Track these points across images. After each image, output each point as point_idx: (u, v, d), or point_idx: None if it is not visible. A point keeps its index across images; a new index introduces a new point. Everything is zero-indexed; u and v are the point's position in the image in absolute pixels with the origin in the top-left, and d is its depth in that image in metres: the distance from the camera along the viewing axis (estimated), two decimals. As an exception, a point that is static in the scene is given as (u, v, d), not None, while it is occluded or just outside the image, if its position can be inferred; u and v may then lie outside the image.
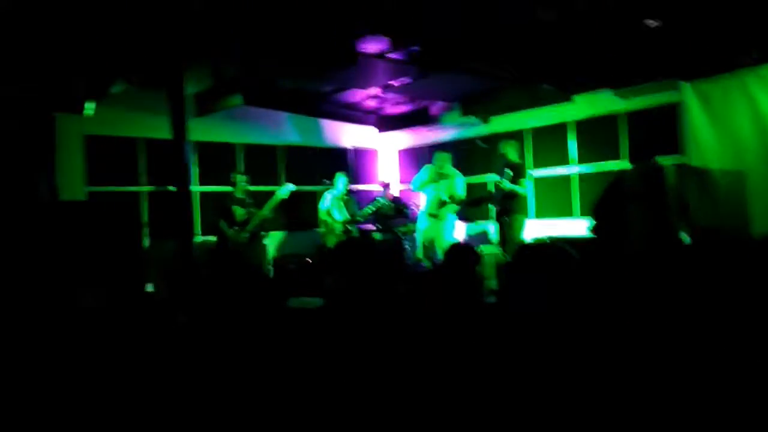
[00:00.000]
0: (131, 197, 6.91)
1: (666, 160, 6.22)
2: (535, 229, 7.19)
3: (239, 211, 6.60)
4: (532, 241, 6.47)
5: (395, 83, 6.87)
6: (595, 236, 6.76)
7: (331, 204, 7.22)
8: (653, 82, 6.13)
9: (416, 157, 9.25)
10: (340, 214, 7.17)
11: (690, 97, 5.73)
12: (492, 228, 7.88)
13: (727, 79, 5.47)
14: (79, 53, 5.42)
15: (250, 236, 6.55)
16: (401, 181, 9.54)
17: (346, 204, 7.26)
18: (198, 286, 5.60)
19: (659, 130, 6.36)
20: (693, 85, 5.72)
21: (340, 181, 7.24)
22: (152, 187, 7.08)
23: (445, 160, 6.59)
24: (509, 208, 6.24)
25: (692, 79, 5.72)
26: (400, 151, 9.59)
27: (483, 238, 8.16)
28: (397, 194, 9.23)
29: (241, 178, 6.66)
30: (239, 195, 6.64)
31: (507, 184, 6.06)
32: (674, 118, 6.20)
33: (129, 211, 6.64)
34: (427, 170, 6.66)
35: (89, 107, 5.79)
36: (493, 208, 6.56)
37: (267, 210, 6.54)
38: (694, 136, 5.74)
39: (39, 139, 6.24)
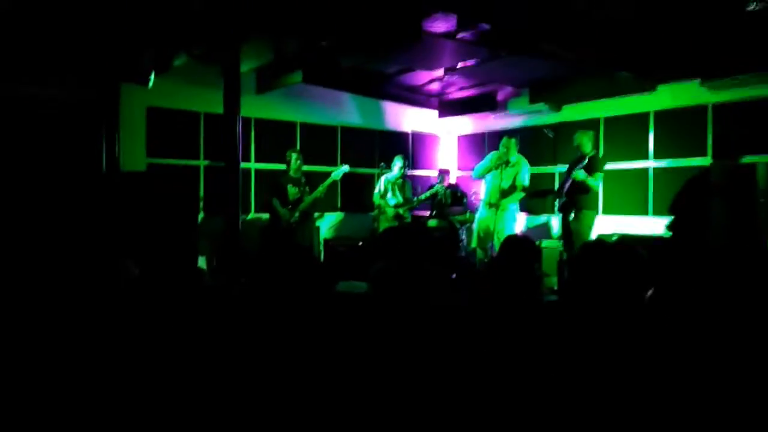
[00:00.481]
0: (190, 171, 6.91)
1: (758, 159, 5.67)
2: (604, 226, 6.75)
3: (292, 190, 6.49)
4: (598, 239, 6.06)
5: (462, 65, 6.53)
6: (673, 234, 6.28)
7: (386, 188, 7.00)
8: (749, 74, 5.56)
9: (477, 144, 8.90)
10: (393, 199, 6.95)
11: (791, 91, 5.14)
12: (555, 222, 7.48)
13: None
14: (144, 24, 5.39)
15: (301, 216, 6.42)
16: (460, 168, 9.21)
17: (402, 188, 7.01)
18: (244, 263, 5.54)
19: (750, 125, 5.77)
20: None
21: (397, 164, 7.00)
22: (209, 161, 7.06)
23: (512, 145, 6.18)
24: (579, 202, 5.83)
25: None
26: (460, 137, 9.25)
27: (544, 232, 7.77)
28: (454, 182, 8.93)
29: (295, 157, 6.52)
30: (293, 174, 6.52)
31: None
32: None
33: (187, 184, 6.68)
34: (490, 157, 6.31)
35: (151, 78, 5.77)
36: (557, 202, 6.12)
37: (320, 191, 6.40)
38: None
39: (105, 108, 6.31)
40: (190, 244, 5.58)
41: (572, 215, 5.84)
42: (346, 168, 6.50)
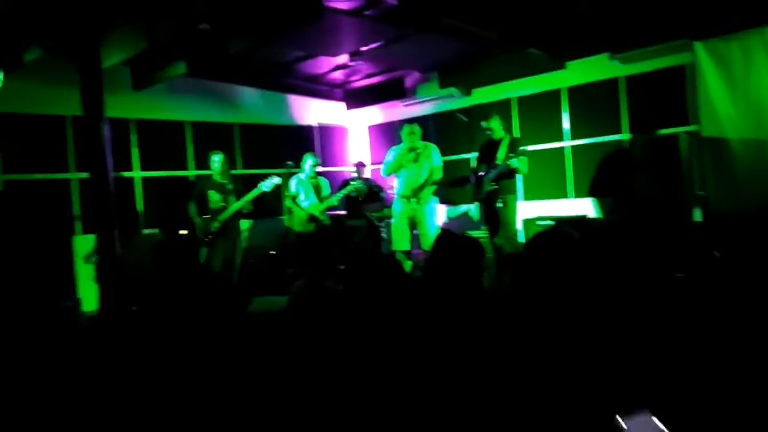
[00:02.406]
0: (59, 186, 5.86)
1: (674, 131, 5.58)
2: (526, 211, 6.48)
3: (214, 197, 5.70)
4: (542, 227, 5.76)
5: (367, 48, 5.99)
6: (601, 214, 6.11)
7: (297, 189, 6.32)
8: (659, 44, 5.43)
9: (389, 134, 8.40)
10: (307, 200, 6.29)
11: (703, 59, 5.04)
12: (474, 211, 7.15)
13: (747, 37, 4.79)
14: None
15: (221, 227, 5.61)
16: (373, 162, 8.69)
17: (316, 188, 6.37)
18: (132, 288, 4.71)
19: (664, 97, 5.66)
20: (706, 44, 5.03)
21: (308, 162, 6.33)
22: (84, 173, 6.06)
23: (414, 132, 5.67)
24: (504, 188, 5.46)
25: (706, 38, 5.02)
26: (370, 128, 8.72)
27: (466, 222, 7.42)
28: (369, 176, 8.40)
29: (217, 159, 5.73)
30: (217, 178, 5.73)
31: (515, 162, 5.25)
32: (682, 83, 5.51)
33: (56, 203, 5.68)
34: (395, 150, 5.78)
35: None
36: (482, 190, 5.69)
37: (244, 202, 5.63)
38: (707, 103, 5.06)
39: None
40: (60, 275, 4.66)
41: (500, 202, 5.47)
42: (277, 180, 5.77)
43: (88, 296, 5.65)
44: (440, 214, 7.16)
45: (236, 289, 5.54)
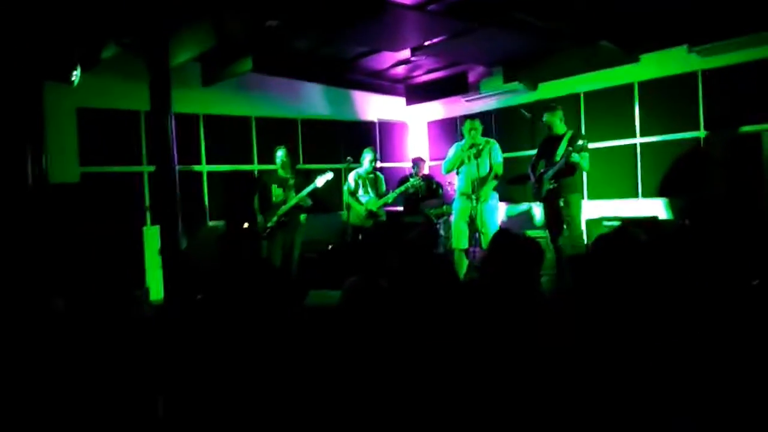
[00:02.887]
0: (131, 179, 6.13)
1: (761, 128, 5.22)
2: (591, 211, 6.25)
3: (276, 191, 5.82)
4: (609, 227, 5.54)
5: (430, 43, 5.91)
6: (672, 216, 5.82)
7: (356, 184, 6.35)
8: (740, 36, 5.09)
9: (449, 131, 8.32)
10: (366, 195, 6.30)
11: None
12: (537, 210, 6.97)
13: None
14: (64, 11, 4.62)
15: (279, 222, 5.73)
16: (432, 158, 8.62)
17: (374, 184, 6.37)
18: (197, 279, 4.85)
19: (746, 92, 5.30)
20: (797, 35, 4.67)
21: (367, 157, 6.35)
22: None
23: (475, 128, 5.54)
24: (567, 187, 5.27)
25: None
26: (430, 124, 8.65)
27: (526, 221, 7.25)
28: (427, 172, 8.34)
29: (282, 153, 5.85)
30: (281, 173, 5.85)
31: (577, 157, 5.07)
32: (766, 78, 5.15)
33: (128, 195, 5.94)
34: (456, 147, 5.69)
35: (76, 75, 4.99)
36: (542, 187, 5.51)
37: (299, 198, 5.73)
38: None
39: (26, 111, 5.49)
40: (131, 265, 4.86)
41: (561, 201, 5.29)
42: (330, 176, 5.83)
43: (156, 285, 5.90)
44: (501, 212, 7.02)
45: (294, 282, 5.63)
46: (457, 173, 5.70)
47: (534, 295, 2.80)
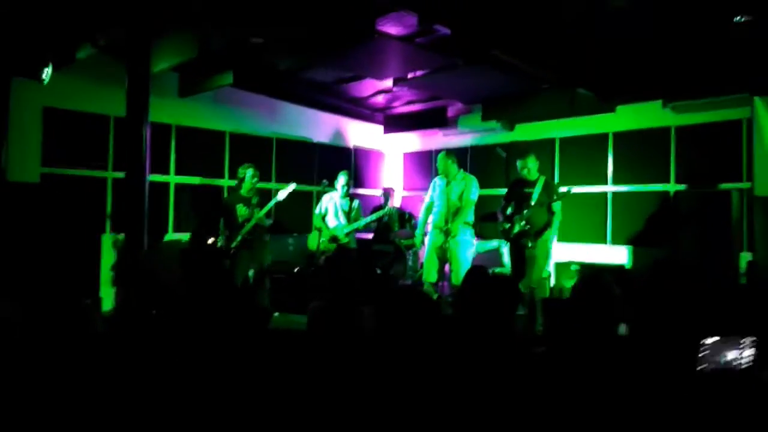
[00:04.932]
0: (95, 183, 5.89)
1: (726, 187, 5.37)
2: (560, 253, 6.28)
3: (242, 211, 5.62)
4: (575, 272, 5.57)
5: (414, 75, 5.93)
6: (633, 264, 5.88)
7: (326, 208, 6.24)
8: (717, 97, 5.26)
9: (424, 163, 8.34)
10: (336, 220, 6.19)
11: (762, 115, 4.85)
12: (505, 249, 6.97)
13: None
14: (38, 5, 4.46)
15: (243, 241, 5.54)
16: (405, 189, 8.60)
17: (345, 209, 6.26)
18: (155, 293, 4.64)
19: (717, 150, 5.46)
20: (767, 100, 4.83)
21: (340, 180, 6.24)
22: (122, 173, 6.07)
23: (450, 161, 5.55)
24: (535, 228, 5.27)
25: (766, 93, 4.83)
26: (405, 155, 8.65)
27: (494, 258, 7.24)
28: (399, 202, 8.31)
29: (251, 173, 5.64)
30: (245, 192, 5.66)
31: (558, 206, 5.11)
32: (737, 138, 5.31)
33: (90, 199, 5.70)
34: (435, 184, 5.69)
35: (47, 73, 4.80)
36: (512, 227, 5.49)
37: (261, 215, 5.56)
38: (763, 160, 4.84)
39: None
40: (85, 272, 4.62)
41: (529, 242, 5.28)
42: (292, 186, 5.67)
43: (108, 296, 5.63)
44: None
45: (258, 303, 5.45)
46: (431, 207, 5.66)
47: (510, 336, 2.74)
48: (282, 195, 5.60)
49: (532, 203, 5.26)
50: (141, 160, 3.74)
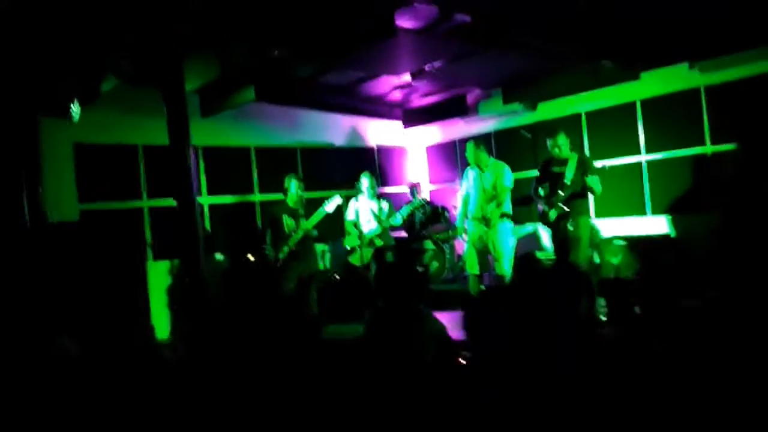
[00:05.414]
0: (132, 214, 5.96)
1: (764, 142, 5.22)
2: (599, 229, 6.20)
3: (289, 222, 5.64)
4: (617, 248, 5.48)
5: (432, 66, 5.88)
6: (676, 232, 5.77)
7: (356, 214, 6.20)
8: (743, 51, 5.12)
9: (448, 154, 8.28)
10: (368, 224, 6.13)
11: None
12: (543, 232, 6.90)
13: None
14: (61, 43, 4.51)
15: (290, 253, 5.56)
16: (432, 182, 8.56)
17: (373, 210, 6.20)
18: (207, 315, 4.67)
19: (751, 106, 5.32)
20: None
21: (364, 183, 6.19)
22: (154, 200, 6.13)
23: (480, 150, 5.50)
24: (576, 208, 5.20)
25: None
26: (429, 148, 8.61)
27: (532, 243, 7.16)
28: (427, 196, 8.26)
29: (294, 183, 5.67)
30: (291, 204, 5.68)
31: (596, 181, 5.02)
32: (772, 92, 5.17)
33: (130, 231, 5.77)
34: (468, 175, 5.65)
35: (75, 110, 4.85)
36: (552, 210, 5.40)
37: (307, 225, 5.57)
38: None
39: (22, 148, 5.33)
40: (139, 305, 4.67)
41: (570, 225, 5.21)
42: (339, 200, 5.64)
43: (161, 323, 5.70)
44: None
45: (309, 314, 5.46)
46: (468, 199, 5.63)
47: (581, 322, 2.70)
48: (330, 207, 5.58)
49: (567, 183, 5.19)
50: (188, 184, 3.77)
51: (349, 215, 6.22)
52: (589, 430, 2.02)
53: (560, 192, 5.22)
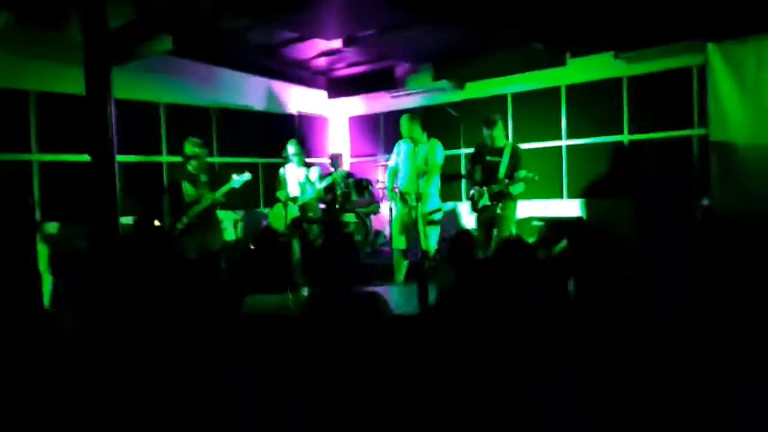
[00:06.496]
0: (18, 167, 5.25)
1: (680, 134, 5.51)
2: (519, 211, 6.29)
3: (189, 190, 5.21)
4: (537, 228, 5.58)
5: (364, 33, 5.64)
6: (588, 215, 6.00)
7: (284, 181, 5.95)
8: (670, 45, 5.34)
9: (371, 127, 8.09)
10: (296, 192, 5.90)
11: (716, 61, 4.96)
12: (465, 209, 6.94)
13: (763, 41, 4.73)
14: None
15: (189, 225, 5.16)
16: (352, 155, 8.34)
17: (300, 179, 5.96)
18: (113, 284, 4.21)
19: (669, 98, 5.58)
20: (721, 46, 4.94)
21: (290, 150, 5.96)
22: (51, 155, 5.44)
23: (414, 124, 5.38)
24: (503, 193, 5.21)
25: (719, 39, 4.94)
26: (351, 119, 8.37)
27: (453, 221, 7.19)
28: (348, 169, 8.05)
29: (196, 149, 5.21)
30: (192, 169, 5.22)
31: (516, 189, 5.07)
32: (689, 85, 5.44)
33: (18, 186, 5.10)
34: (399, 148, 5.50)
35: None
36: (480, 192, 5.38)
37: (211, 198, 5.18)
38: (718, 106, 4.99)
39: None
40: (29, 270, 4.11)
41: (498, 208, 5.23)
42: (248, 176, 5.30)
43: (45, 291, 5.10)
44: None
45: (225, 283, 5.11)
46: (397, 172, 5.48)
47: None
48: (237, 181, 5.24)
49: (500, 177, 5.18)
50: (108, 140, 3.30)
51: (284, 181, 5.95)
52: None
53: (493, 186, 5.21)
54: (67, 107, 5.40)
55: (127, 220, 5.88)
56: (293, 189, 5.93)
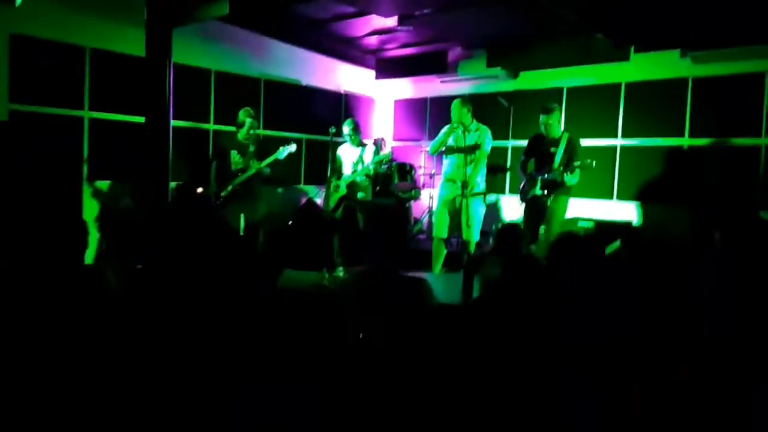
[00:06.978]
0: (69, 123, 5.29)
1: (746, 141, 5.24)
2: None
3: (235, 158, 5.30)
4: (583, 228, 5.39)
5: (422, 12, 5.49)
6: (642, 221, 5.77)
7: (340, 162, 5.95)
8: (740, 47, 5.05)
9: (417, 112, 7.95)
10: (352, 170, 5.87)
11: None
12: (507, 202, 6.79)
13: None
14: None
15: (233, 193, 5.22)
16: (396, 138, 8.22)
17: (355, 158, 5.91)
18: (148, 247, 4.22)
19: (736, 104, 5.30)
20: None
21: (345, 129, 5.95)
22: (102, 113, 5.48)
23: (466, 109, 5.21)
24: (555, 184, 5.04)
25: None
26: (397, 102, 8.24)
27: (494, 214, 7.03)
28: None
29: (248, 119, 5.31)
30: (242, 138, 5.32)
31: (571, 180, 4.90)
32: (760, 92, 5.15)
33: (68, 140, 5.14)
34: (447, 129, 5.34)
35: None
36: (537, 181, 5.18)
37: (257, 168, 5.26)
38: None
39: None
40: (74, 222, 4.12)
41: (549, 201, 5.06)
42: (293, 147, 5.36)
43: (90, 250, 5.16)
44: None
45: (262, 257, 5.10)
46: (444, 158, 5.35)
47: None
48: (284, 153, 5.31)
49: (554, 166, 5.01)
50: (165, 104, 3.27)
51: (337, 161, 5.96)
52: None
53: (546, 175, 5.04)
54: (122, 67, 5.43)
55: (173, 184, 5.94)
56: (347, 169, 5.88)
